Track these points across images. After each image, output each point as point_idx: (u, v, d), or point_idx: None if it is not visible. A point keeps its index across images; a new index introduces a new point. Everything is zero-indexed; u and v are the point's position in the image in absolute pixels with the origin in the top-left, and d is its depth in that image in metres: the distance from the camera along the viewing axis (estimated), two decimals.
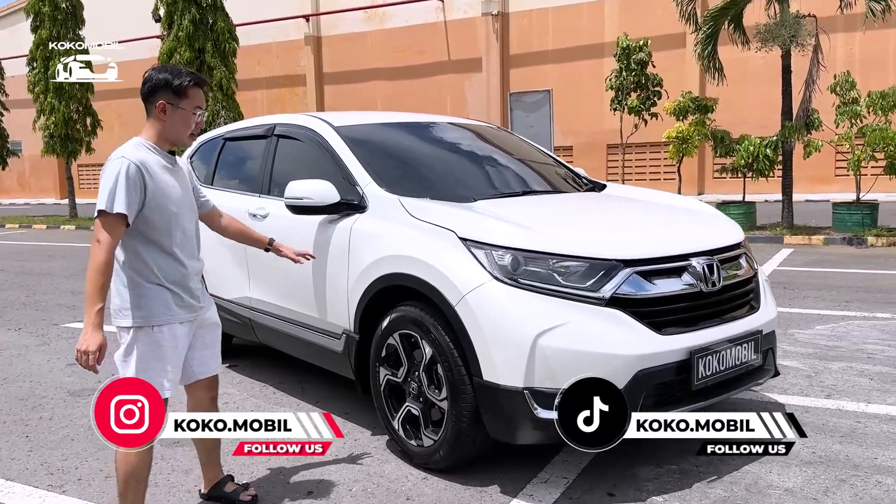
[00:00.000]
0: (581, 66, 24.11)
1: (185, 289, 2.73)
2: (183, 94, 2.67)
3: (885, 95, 11.01)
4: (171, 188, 2.68)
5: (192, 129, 2.73)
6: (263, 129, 4.79)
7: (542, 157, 4.72)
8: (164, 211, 2.64)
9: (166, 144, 2.74)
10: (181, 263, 2.72)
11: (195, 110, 2.71)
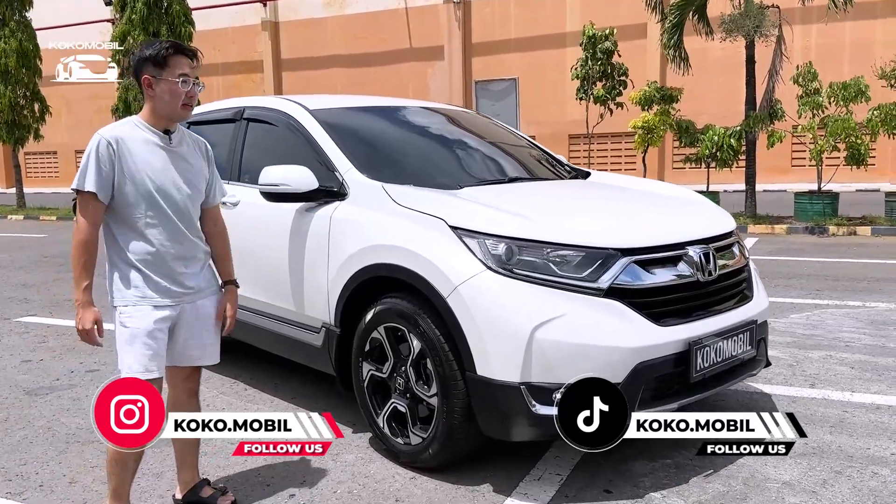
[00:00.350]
0: (543, 55, 24.04)
1: (161, 272, 2.60)
2: (164, 63, 2.55)
3: (847, 86, 11.17)
4: (154, 166, 2.57)
5: (182, 98, 2.57)
6: (231, 113, 4.56)
7: (524, 144, 4.59)
8: (139, 189, 2.55)
9: (162, 122, 2.62)
10: (156, 244, 2.59)
11: (179, 78, 2.56)
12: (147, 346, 2.56)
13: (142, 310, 2.58)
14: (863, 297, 6.48)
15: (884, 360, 4.61)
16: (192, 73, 2.61)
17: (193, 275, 2.70)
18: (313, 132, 3.83)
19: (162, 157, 2.61)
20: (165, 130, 2.64)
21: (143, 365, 2.55)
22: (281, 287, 3.82)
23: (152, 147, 2.59)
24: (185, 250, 2.67)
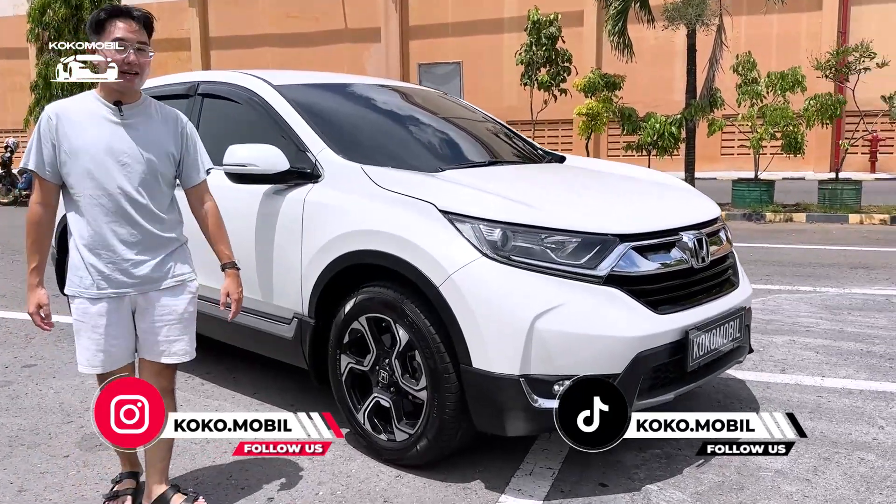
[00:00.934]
0: (481, 40, 23.94)
1: (104, 258, 2.42)
2: (101, 30, 2.37)
3: (785, 76, 11.45)
4: (96, 141, 2.37)
5: (119, 66, 2.34)
6: (184, 88, 4.24)
7: (496, 126, 4.44)
8: (80, 166, 2.37)
9: (112, 93, 2.42)
10: (99, 227, 2.40)
11: (113, 44, 2.34)
12: (91, 340, 2.44)
13: (84, 302, 2.44)
14: (812, 282, 6.62)
15: (845, 344, 4.68)
16: (133, 37, 2.37)
17: (147, 263, 2.47)
18: (280, 109, 3.58)
19: (108, 131, 2.39)
20: (117, 102, 2.42)
21: (86, 359, 2.47)
22: (248, 276, 3.54)
23: (98, 120, 2.39)
24: (136, 235, 2.45)
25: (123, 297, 2.45)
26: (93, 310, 2.43)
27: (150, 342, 2.54)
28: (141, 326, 2.53)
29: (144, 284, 2.48)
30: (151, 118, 2.50)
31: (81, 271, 2.44)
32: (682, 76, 13.15)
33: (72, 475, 3.03)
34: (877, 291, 6.19)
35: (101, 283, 2.42)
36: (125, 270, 2.44)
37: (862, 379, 4.03)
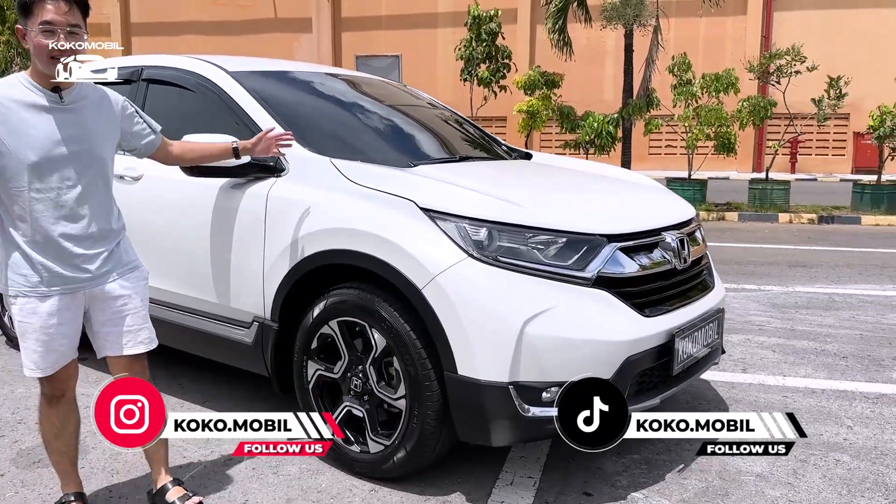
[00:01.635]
0: (415, 34, 23.80)
1: (51, 254, 2.27)
2: (29, 12, 2.18)
3: (719, 78, 11.73)
4: (35, 130, 2.20)
5: (48, 52, 2.17)
6: (126, 73, 3.91)
7: (460, 121, 4.29)
8: (17, 158, 2.19)
9: (44, 79, 2.24)
10: (44, 223, 2.25)
11: (41, 27, 2.16)
12: (39, 341, 2.31)
13: (32, 301, 2.28)
14: (755, 280, 6.75)
15: (798, 342, 4.75)
16: (63, 20, 2.18)
17: (97, 256, 2.36)
18: (237, 98, 3.33)
19: (48, 119, 2.23)
20: (55, 88, 2.25)
21: (34, 362, 2.35)
22: (199, 276, 3.31)
23: (35, 109, 2.22)
24: (84, 228, 2.32)
25: (77, 292, 2.33)
26: (42, 308, 2.28)
27: (112, 335, 2.44)
28: (99, 320, 2.42)
29: (98, 278, 2.36)
30: (89, 102, 2.35)
31: (25, 269, 2.27)
32: (613, 76, 13.39)
33: (9, 497, 2.73)
34: (819, 290, 6.35)
35: (52, 280, 2.28)
36: (77, 266, 2.31)
37: (822, 378, 4.08)
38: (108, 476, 2.92)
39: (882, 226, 11.11)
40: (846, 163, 22.44)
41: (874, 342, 4.76)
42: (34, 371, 2.36)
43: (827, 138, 22.53)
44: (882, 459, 3.09)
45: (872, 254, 8.45)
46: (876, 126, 11.54)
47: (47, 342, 2.31)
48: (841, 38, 21.07)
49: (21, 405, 3.62)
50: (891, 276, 6.96)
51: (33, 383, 3.85)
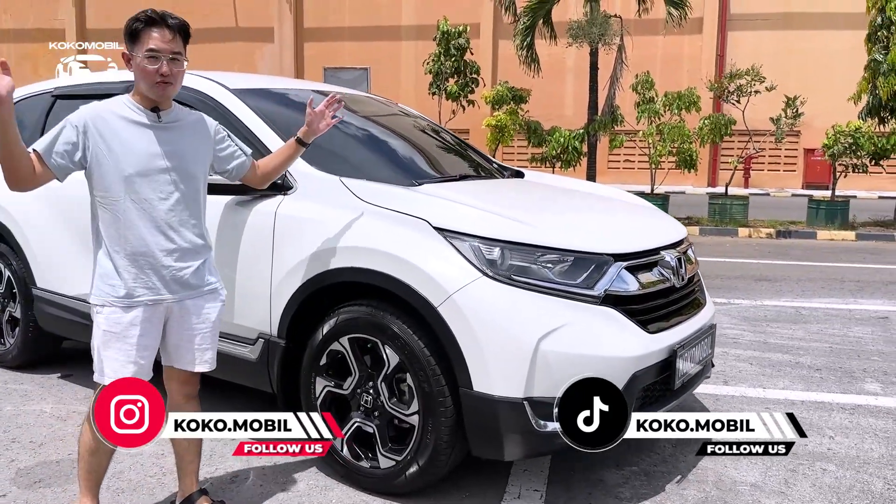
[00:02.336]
0: (379, 46, 23.84)
1: (146, 266, 2.35)
2: (136, 38, 2.31)
3: (681, 96, 12.06)
4: (136, 147, 2.32)
5: (154, 77, 2.30)
6: (121, 88, 3.83)
7: (453, 139, 4.37)
8: (118, 172, 2.30)
9: (146, 100, 2.37)
10: (137, 234, 2.33)
11: (146, 54, 2.29)
12: (121, 350, 2.35)
13: (116, 311, 2.34)
14: (724, 294, 6.96)
15: (773, 355, 4.93)
16: (167, 47, 2.31)
17: (185, 270, 2.43)
18: (241, 115, 3.35)
19: (148, 137, 2.35)
20: (154, 108, 2.38)
21: (114, 370, 2.35)
22: None
23: (136, 127, 2.34)
24: (176, 242, 2.40)
25: (159, 304, 2.40)
26: (125, 319, 2.34)
27: (182, 350, 2.51)
28: (174, 333, 2.48)
29: (182, 292, 2.43)
30: (185, 124, 2.47)
31: (114, 279, 2.34)
32: (574, 92, 13.64)
33: None
34: (785, 303, 6.58)
35: (139, 290, 2.35)
36: (164, 277, 2.39)
37: (800, 390, 4.25)
38: (114, 494, 2.89)
39: (836, 240, 11.54)
40: (797, 178, 23.16)
41: (844, 355, 4.97)
42: (104, 378, 2.36)
43: (779, 155, 23.22)
44: (865, 468, 3.24)
45: (831, 268, 8.78)
46: (829, 144, 11.99)
47: (129, 353, 2.36)
48: (792, 58, 21.79)
49: (12, 423, 3.55)
50: (851, 290, 7.25)
51: (22, 400, 3.82)
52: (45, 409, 3.74)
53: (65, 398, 3.89)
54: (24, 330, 4.21)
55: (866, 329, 5.68)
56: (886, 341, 5.33)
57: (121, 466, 3.10)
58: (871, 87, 11.93)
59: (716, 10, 22.79)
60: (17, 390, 4.00)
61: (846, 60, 15.68)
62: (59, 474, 3.05)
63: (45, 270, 4.01)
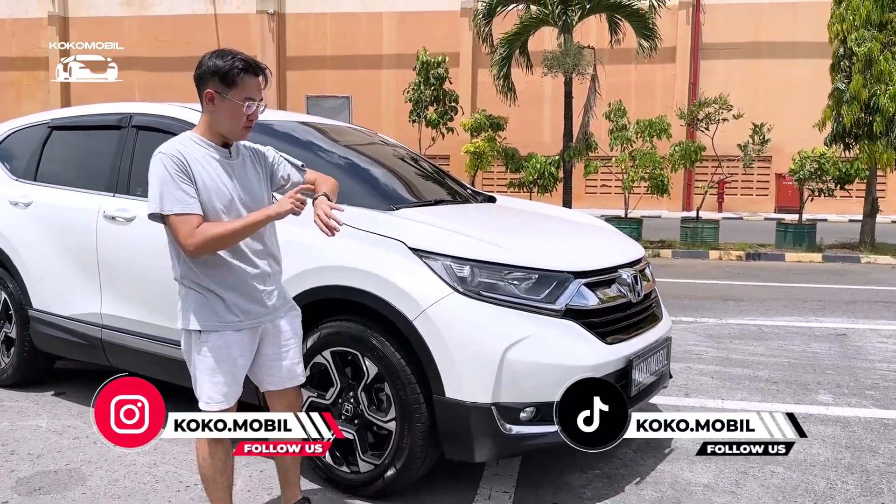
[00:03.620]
0: (360, 74, 24.24)
1: (239, 293, 2.49)
2: (232, 83, 2.39)
3: (653, 123, 12.48)
4: (220, 182, 2.44)
5: (244, 121, 2.44)
6: (115, 120, 4.16)
7: (429, 166, 4.64)
8: (210, 207, 2.40)
9: (217, 137, 2.48)
10: (234, 264, 2.47)
11: (245, 101, 2.41)
12: (229, 374, 2.49)
13: (225, 336, 2.47)
14: (691, 313, 7.26)
15: (734, 370, 5.21)
16: (259, 94, 2.46)
17: (273, 293, 2.59)
18: None
19: (225, 172, 2.47)
20: (224, 144, 2.50)
21: (223, 395, 2.49)
22: None
23: (216, 163, 2.45)
24: (260, 267, 2.55)
25: (258, 327, 2.54)
26: (232, 342, 2.47)
27: (276, 369, 2.63)
28: (268, 354, 2.61)
29: (273, 313, 2.58)
30: (246, 156, 2.59)
31: (218, 307, 2.45)
32: (550, 119, 14.05)
33: None
34: (749, 322, 6.89)
35: (241, 315, 2.48)
36: (260, 301, 2.52)
37: (756, 401, 4.52)
38: (111, 499, 3.08)
39: (804, 262, 11.93)
40: (769, 202, 23.72)
41: (801, 369, 5.26)
42: (219, 404, 2.47)
43: (752, 179, 23.80)
44: (811, 470, 3.51)
45: (796, 288, 9.13)
46: (796, 169, 12.44)
47: (235, 374, 2.49)
48: (762, 86, 22.46)
49: (10, 437, 3.73)
50: (812, 309, 7.58)
51: (17, 416, 4.00)
52: (41, 423, 3.92)
53: (59, 414, 4.07)
54: (19, 350, 4.39)
55: (824, 345, 5.98)
56: (842, 356, 5.63)
57: (115, 475, 3.29)
58: (836, 115, 12.41)
59: (688, 39, 23.47)
60: (13, 407, 4.18)
61: (814, 88, 16.23)
62: (58, 482, 3.23)
63: (40, 292, 4.21)
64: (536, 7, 13.07)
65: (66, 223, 4.11)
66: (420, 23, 24.30)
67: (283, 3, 25.93)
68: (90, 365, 4.50)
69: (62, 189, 4.23)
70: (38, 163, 4.48)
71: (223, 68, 2.38)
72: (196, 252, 2.36)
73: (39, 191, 4.34)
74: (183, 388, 4.08)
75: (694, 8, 23.40)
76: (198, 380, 2.50)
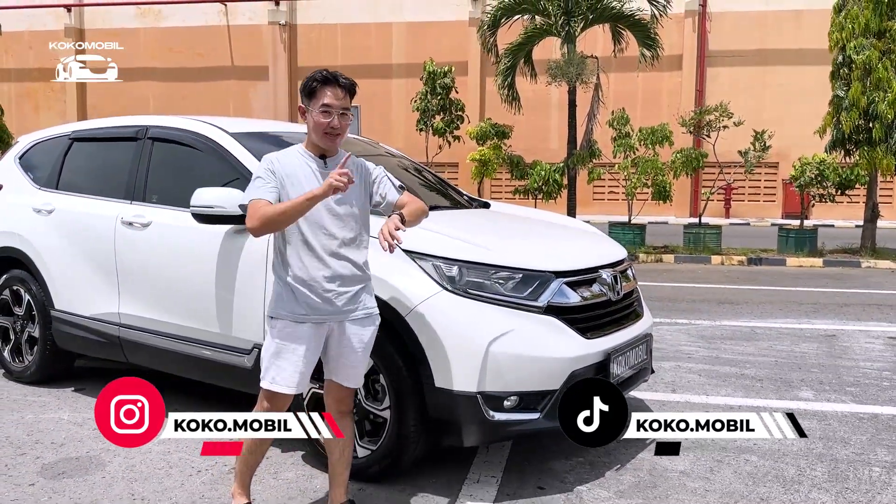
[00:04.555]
0: (370, 83, 24.59)
1: (314, 289, 2.69)
2: (312, 94, 2.67)
3: (655, 131, 12.71)
4: (306, 188, 2.64)
5: (324, 129, 2.68)
6: (132, 132, 4.45)
7: (429, 174, 4.90)
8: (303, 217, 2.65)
9: (315, 148, 2.75)
10: (309, 263, 2.69)
11: (321, 109, 2.65)
12: (290, 361, 2.69)
13: (289, 325, 2.69)
14: (687, 315, 7.47)
15: (722, 368, 5.42)
16: (338, 104, 2.67)
17: (344, 295, 2.74)
18: (238, 155, 3.86)
19: (318, 180, 2.68)
20: (322, 155, 2.74)
21: (284, 380, 2.70)
22: (204, 309, 3.80)
23: (309, 172, 2.70)
24: (338, 270, 2.73)
25: (323, 323, 2.73)
26: (295, 333, 2.69)
27: (339, 366, 2.83)
28: (334, 349, 2.80)
29: (340, 314, 2.75)
30: (352, 170, 2.72)
31: (287, 299, 2.70)
32: (558, 126, 14.33)
33: (45, 501, 3.14)
34: (742, 323, 7.10)
35: (307, 310, 2.69)
36: (328, 300, 2.72)
37: (739, 396, 4.74)
38: (129, 483, 3.34)
39: (805, 267, 12.10)
40: (777, 208, 23.86)
41: (787, 367, 5.47)
42: (282, 387, 2.70)
43: (759, 185, 23.96)
44: (783, 458, 3.72)
45: (793, 292, 9.32)
46: (797, 175, 12.63)
47: (296, 363, 2.70)
48: (768, 92, 22.67)
49: (34, 428, 4.00)
50: (806, 312, 7.78)
51: (41, 409, 4.28)
52: (63, 416, 4.20)
53: (80, 407, 4.35)
54: (42, 348, 4.68)
55: (813, 345, 6.19)
56: (828, 355, 5.84)
57: (132, 461, 3.56)
58: (835, 122, 12.59)
59: (694, 47, 23.69)
60: (37, 402, 4.46)
61: (820, 94, 16.38)
62: (79, 468, 3.50)
63: (62, 293, 4.50)
64: (541, 18, 13.35)
65: (85, 229, 4.40)
66: (429, 33, 24.69)
67: (294, 15, 26.39)
68: (108, 363, 4.79)
69: (82, 197, 4.52)
70: (59, 172, 4.77)
71: (305, 83, 2.69)
72: (255, 230, 2.63)
73: (61, 198, 4.63)
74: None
75: (700, 16, 23.64)
76: (265, 360, 2.74)
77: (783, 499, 3.27)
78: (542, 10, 13.14)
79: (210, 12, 26.79)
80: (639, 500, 3.24)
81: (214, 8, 26.71)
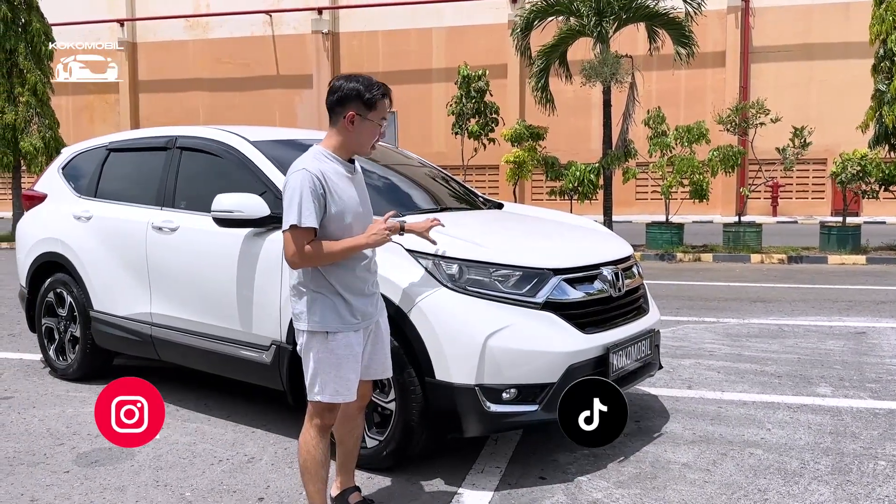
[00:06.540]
0: (411, 89, 24.91)
1: (358, 297, 2.76)
2: (373, 106, 2.69)
3: (691, 129, 12.63)
4: (349, 198, 2.71)
5: (375, 139, 2.76)
6: (163, 142, 4.71)
7: (443, 177, 5.06)
8: (340, 221, 2.68)
9: (347, 153, 2.77)
10: (358, 271, 2.75)
11: (381, 121, 2.74)
12: (353, 370, 2.74)
13: (348, 335, 2.72)
14: (716, 314, 7.46)
15: (742, 365, 5.44)
16: (388, 115, 2.79)
17: (376, 296, 2.90)
18: (258, 163, 4.08)
19: (351, 185, 2.76)
20: (351, 160, 2.81)
21: (349, 390, 2.74)
22: (226, 308, 4.02)
23: (345, 178, 2.74)
24: (373, 274, 2.87)
25: (368, 326, 2.84)
26: (354, 340, 2.74)
27: (376, 362, 2.94)
28: (368, 349, 2.88)
29: (378, 313, 2.91)
30: (360, 172, 2.87)
31: (341, 308, 2.71)
32: (599, 126, 14.30)
33: (77, 486, 3.39)
34: (771, 321, 7.06)
35: (359, 315, 2.76)
36: (373, 304, 2.86)
37: (755, 393, 4.76)
38: (154, 471, 3.57)
39: (847, 265, 11.86)
40: (826, 206, 23.33)
41: (808, 364, 5.45)
42: (346, 396, 2.73)
43: (807, 182, 23.46)
44: (789, 452, 3.76)
45: (829, 290, 9.18)
46: (838, 172, 12.39)
47: (356, 369, 2.76)
48: (814, 87, 22.20)
49: (73, 421, 4.29)
50: (839, 309, 7.68)
51: (81, 404, 4.57)
52: None
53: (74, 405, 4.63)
54: (82, 347, 4.99)
55: (839, 343, 6.13)
56: (854, 353, 5.79)
57: (160, 451, 3.79)
58: (878, 116, 12.31)
59: (737, 43, 23.33)
60: (77, 397, 4.76)
61: (865, 88, 16.04)
62: (111, 457, 3.75)
63: (100, 295, 4.79)
64: (574, 19, 13.39)
65: (120, 234, 4.68)
66: (468, 36, 24.91)
67: (336, 23, 26.90)
68: (145, 362, 5.07)
69: (118, 204, 4.81)
70: (97, 181, 5.08)
71: (365, 94, 2.66)
72: (299, 263, 2.63)
73: (99, 206, 4.93)
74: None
75: (743, 11, 23.28)
76: (320, 376, 2.70)
77: (782, 490, 3.32)
78: (575, 11, 13.18)
79: (256, 23, 27.49)
80: (636, 490, 3.33)
81: (260, 18, 27.39)
